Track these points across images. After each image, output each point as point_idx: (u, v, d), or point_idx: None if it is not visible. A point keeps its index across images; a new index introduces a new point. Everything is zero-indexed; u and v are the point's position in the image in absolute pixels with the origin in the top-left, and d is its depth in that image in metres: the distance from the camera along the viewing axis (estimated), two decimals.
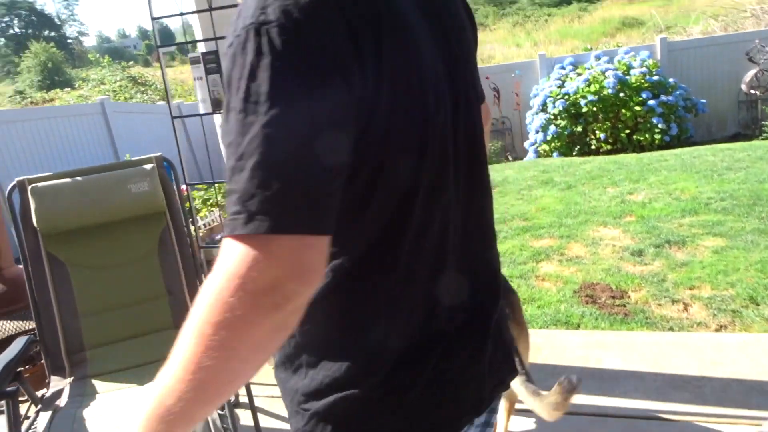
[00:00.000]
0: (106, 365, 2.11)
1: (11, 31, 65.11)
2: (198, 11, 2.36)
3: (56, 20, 69.20)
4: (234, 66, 0.61)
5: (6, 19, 64.96)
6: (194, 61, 2.35)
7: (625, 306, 3.35)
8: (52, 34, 64.64)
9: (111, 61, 15.94)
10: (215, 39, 2.31)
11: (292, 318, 0.61)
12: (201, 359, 0.58)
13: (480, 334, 0.84)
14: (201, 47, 2.41)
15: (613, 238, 4.48)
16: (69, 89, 18.10)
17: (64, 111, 8.09)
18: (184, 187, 2.77)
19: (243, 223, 0.58)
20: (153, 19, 2.41)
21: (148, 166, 2.25)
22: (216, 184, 5.53)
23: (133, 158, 2.33)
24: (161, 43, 2.64)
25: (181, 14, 2.37)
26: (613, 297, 3.48)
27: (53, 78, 37.41)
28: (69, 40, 66.90)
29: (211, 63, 2.33)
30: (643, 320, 3.14)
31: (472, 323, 0.83)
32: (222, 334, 0.57)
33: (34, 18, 65.95)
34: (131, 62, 18.85)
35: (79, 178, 2.17)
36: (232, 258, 0.58)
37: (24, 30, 64.42)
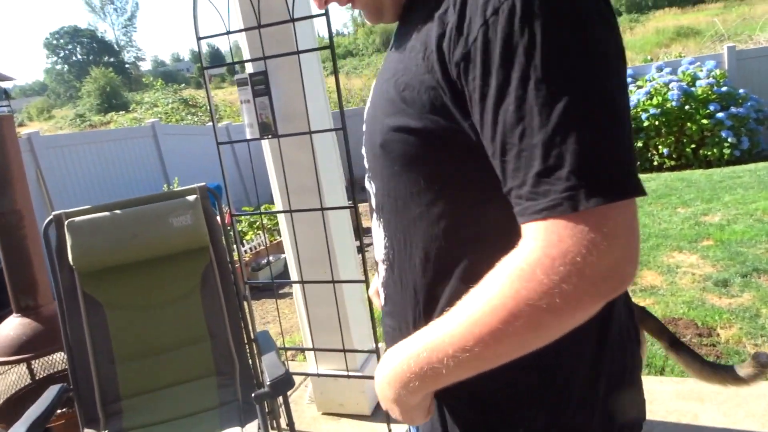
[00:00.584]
0: (142, 418, 1.92)
1: (74, 58, 68.49)
2: (246, 29, 2.18)
3: (115, 47, 72.37)
4: (515, 32, 0.55)
5: (69, 46, 68.40)
6: (241, 83, 2.17)
7: (715, 346, 2.96)
8: (111, 59, 67.71)
9: (163, 84, 16.32)
10: (264, 59, 2.12)
11: None
12: (505, 332, 0.56)
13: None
14: (248, 68, 2.23)
15: (691, 266, 4.08)
16: (124, 112, 18.66)
17: (116, 134, 8.19)
18: (228, 215, 2.59)
19: (585, 198, 0.52)
20: (198, 39, 2.26)
21: (191, 198, 2.08)
22: (262, 209, 5.41)
23: (175, 188, 2.16)
24: (209, 65, 2.50)
25: (228, 33, 2.20)
26: (700, 335, 3.10)
27: (111, 101, 39.02)
28: (126, 65, 69.84)
29: (259, 84, 2.15)
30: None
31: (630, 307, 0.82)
32: (545, 318, 0.54)
33: (95, 45, 69.30)
34: (183, 84, 19.32)
35: (118, 211, 2.01)
36: (565, 240, 0.53)
37: (86, 56, 67.72)
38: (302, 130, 2.16)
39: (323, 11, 1.96)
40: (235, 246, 2.57)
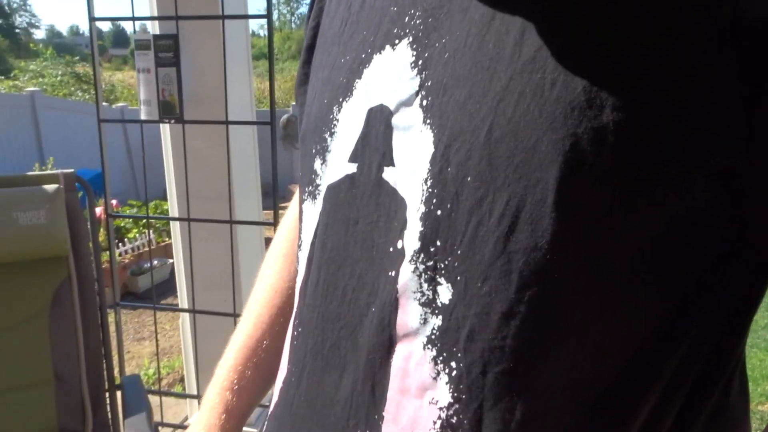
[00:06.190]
0: None
1: None
2: None
3: (6, 8, 65.74)
4: None
5: None
6: (141, 46, 1.65)
7: None
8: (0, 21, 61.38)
9: (55, 53, 14.67)
10: (176, 18, 1.62)
11: None
12: None
13: None
14: (153, 27, 1.72)
15: None
16: (3, 77, 16.60)
17: None
18: (102, 212, 2.03)
19: None
20: (92, 19, 1.70)
21: (50, 188, 1.52)
22: (151, 207, 4.77)
23: (29, 173, 1.59)
24: (111, 44, 1.94)
25: (134, 19, 1.68)
26: None
27: None
28: (17, 29, 63.61)
29: (165, 51, 1.64)
30: None
31: None
32: None
33: None
34: (77, 57, 17.57)
35: None
36: None
37: None
38: (217, 118, 1.68)
39: None
40: (109, 250, 2.01)
